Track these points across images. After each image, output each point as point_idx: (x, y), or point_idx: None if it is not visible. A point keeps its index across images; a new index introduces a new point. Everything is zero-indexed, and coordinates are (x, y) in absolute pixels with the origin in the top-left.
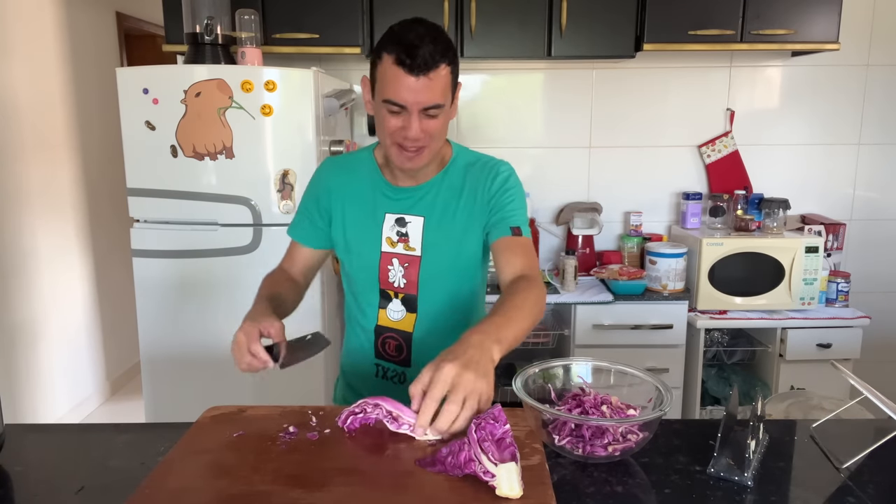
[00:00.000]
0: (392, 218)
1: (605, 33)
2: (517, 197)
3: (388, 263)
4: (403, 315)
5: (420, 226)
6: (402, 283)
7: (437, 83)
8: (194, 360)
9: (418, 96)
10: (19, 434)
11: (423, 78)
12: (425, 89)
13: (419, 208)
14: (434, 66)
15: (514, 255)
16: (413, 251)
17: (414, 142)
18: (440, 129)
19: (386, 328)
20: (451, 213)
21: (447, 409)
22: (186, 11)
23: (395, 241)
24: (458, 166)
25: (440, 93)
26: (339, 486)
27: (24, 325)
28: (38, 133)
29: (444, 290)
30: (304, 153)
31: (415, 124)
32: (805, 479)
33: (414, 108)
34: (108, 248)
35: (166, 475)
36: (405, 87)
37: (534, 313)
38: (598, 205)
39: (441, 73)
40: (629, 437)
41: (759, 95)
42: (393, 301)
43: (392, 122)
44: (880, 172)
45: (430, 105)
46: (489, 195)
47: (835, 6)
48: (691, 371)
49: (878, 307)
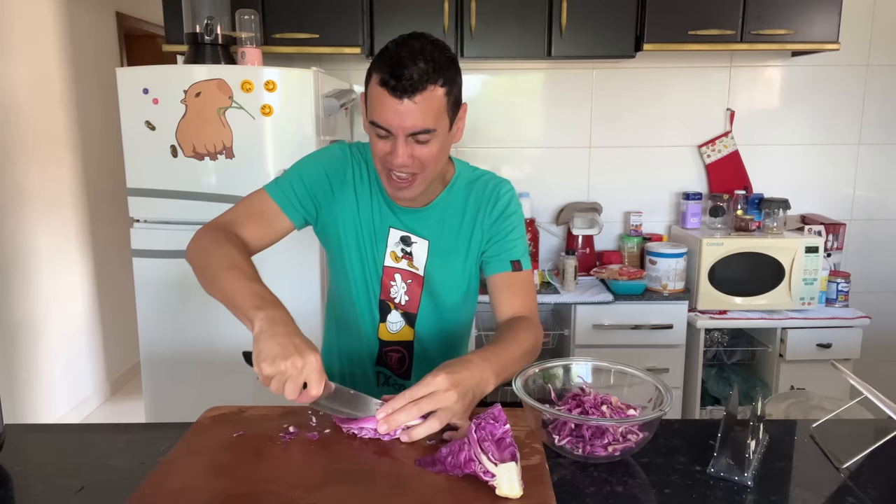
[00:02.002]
0: (397, 234)
1: (604, 33)
2: (518, 224)
3: (391, 278)
4: (402, 326)
5: (425, 249)
6: (403, 300)
7: (424, 106)
8: (194, 360)
9: (403, 120)
10: (19, 434)
11: (407, 101)
12: (411, 113)
13: (424, 231)
14: (421, 88)
15: (514, 295)
16: (416, 270)
17: (401, 168)
18: (433, 157)
19: (387, 342)
20: (453, 236)
21: (408, 408)
22: (186, 11)
23: (400, 256)
24: (460, 185)
25: (430, 117)
26: (339, 486)
27: (25, 324)
28: (38, 133)
29: (444, 310)
30: (304, 153)
31: (401, 150)
32: (805, 479)
33: (399, 133)
34: (108, 248)
35: (166, 475)
36: (389, 109)
37: (529, 358)
38: (598, 205)
39: (431, 95)
40: (629, 437)
41: (759, 95)
42: (392, 313)
43: (380, 146)
44: (880, 172)
45: (416, 130)
46: (490, 220)
47: (835, 6)
48: (691, 371)
49: (878, 307)
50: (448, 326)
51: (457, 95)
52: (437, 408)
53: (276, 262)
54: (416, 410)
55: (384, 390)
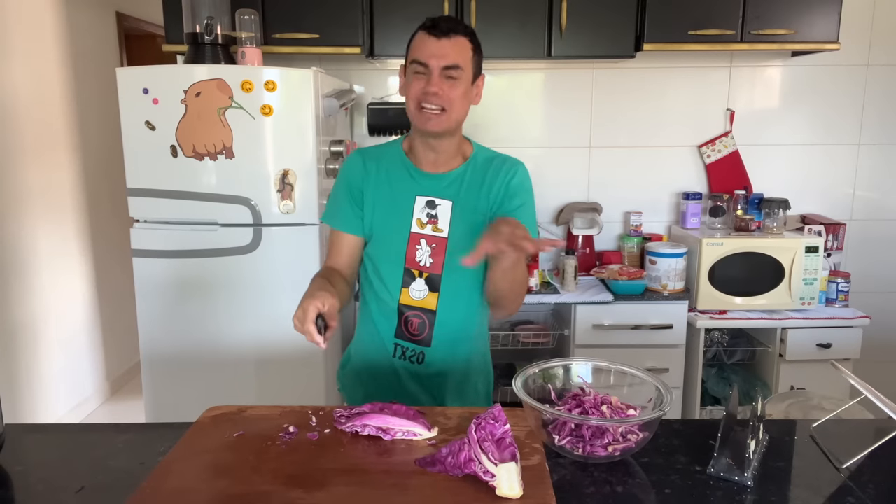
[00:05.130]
0: (423, 200)
1: (604, 33)
2: (525, 202)
3: (416, 244)
4: (426, 294)
5: (449, 209)
6: (428, 263)
7: (456, 46)
8: (194, 360)
9: (440, 55)
10: (19, 434)
11: (444, 40)
12: (445, 49)
13: (447, 193)
14: (455, 32)
15: None
16: (441, 232)
17: (434, 98)
18: (459, 97)
19: (409, 307)
20: (473, 201)
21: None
22: (186, 11)
23: (425, 222)
24: (478, 161)
25: (460, 56)
26: (339, 486)
27: (25, 325)
28: (38, 133)
29: (466, 271)
30: (304, 153)
31: (435, 80)
32: (805, 479)
33: (435, 67)
34: (108, 248)
35: (166, 475)
36: (428, 47)
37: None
38: (598, 205)
39: (461, 40)
40: (629, 437)
41: (759, 95)
42: (416, 280)
43: (416, 84)
44: (880, 172)
45: (449, 64)
46: (502, 196)
47: (835, 6)
48: (691, 371)
49: (878, 307)
50: (469, 290)
51: (479, 61)
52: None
53: (275, 263)
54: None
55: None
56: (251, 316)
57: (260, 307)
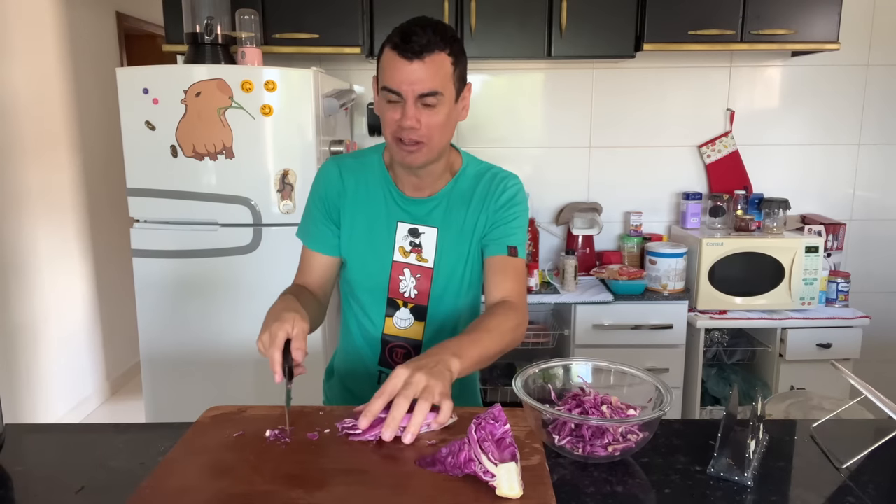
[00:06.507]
0: (405, 228)
1: (604, 33)
2: (521, 215)
3: (400, 273)
4: (411, 323)
5: (434, 237)
6: (413, 294)
7: (433, 69)
8: (194, 360)
9: (412, 81)
10: (19, 434)
11: (416, 62)
12: (419, 73)
13: (432, 219)
14: (429, 51)
15: (505, 277)
16: (426, 262)
17: (410, 132)
18: (440, 126)
19: (393, 336)
20: (460, 223)
21: (396, 404)
22: (186, 11)
23: (409, 251)
24: (467, 176)
25: (437, 80)
26: (339, 486)
27: (25, 325)
28: (38, 133)
29: (453, 300)
30: (304, 153)
31: (410, 112)
32: (805, 479)
33: (409, 95)
34: (108, 248)
35: (166, 475)
36: (399, 71)
37: (506, 340)
38: (598, 205)
39: (438, 59)
40: (629, 437)
41: (759, 95)
42: (401, 310)
43: (390, 114)
44: (880, 172)
45: (424, 92)
46: (495, 207)
47: (835, 6)
48: (691, 371)
49: (878, 307)
50: (459, 315)
51: (462, 71)
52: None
53: (275, 263)
54: (403, 401)
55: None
56: (251, 316)
57: (260, 307)
